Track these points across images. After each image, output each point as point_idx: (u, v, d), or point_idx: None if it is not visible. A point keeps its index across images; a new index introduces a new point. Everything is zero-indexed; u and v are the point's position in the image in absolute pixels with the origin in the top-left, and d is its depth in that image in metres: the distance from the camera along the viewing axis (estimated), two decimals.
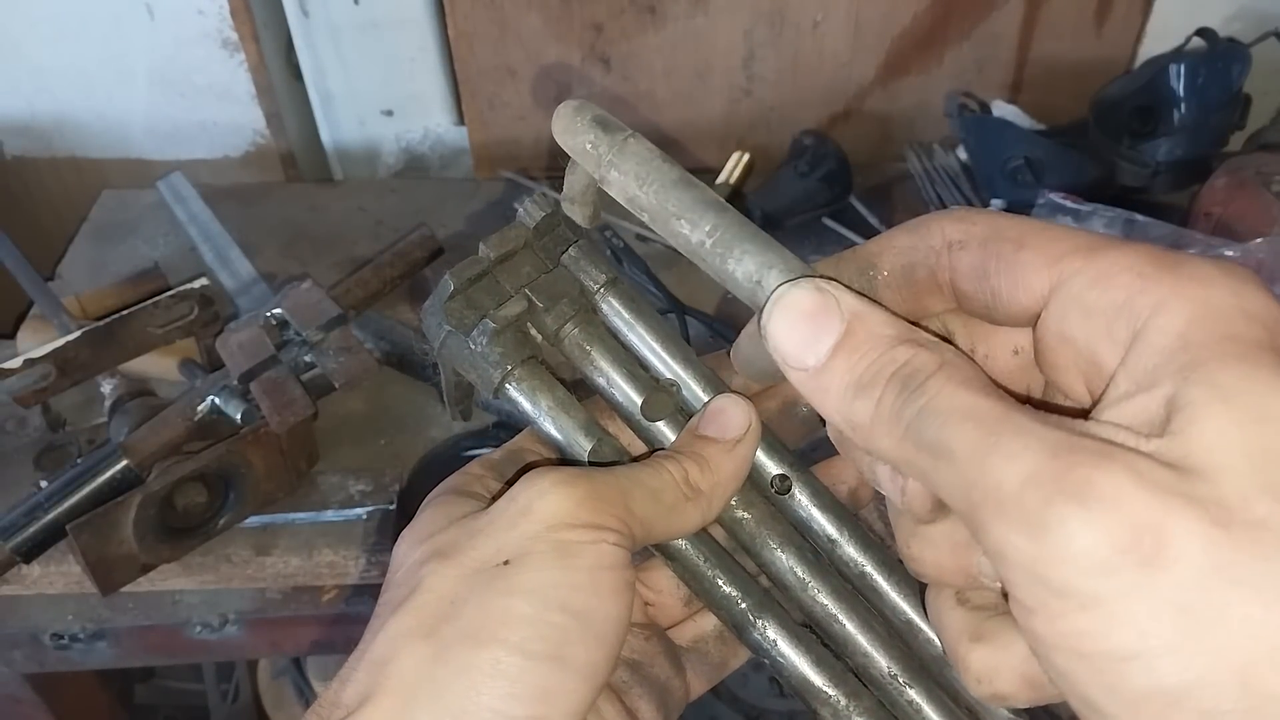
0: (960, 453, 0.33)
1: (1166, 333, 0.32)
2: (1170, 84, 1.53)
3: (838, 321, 0.37)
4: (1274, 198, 1.39)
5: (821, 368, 0.37)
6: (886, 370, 0.36)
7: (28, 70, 1.70)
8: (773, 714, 1.70)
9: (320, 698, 0.41)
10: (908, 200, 1.69)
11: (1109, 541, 0.29)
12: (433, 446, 1.31)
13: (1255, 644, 0.28)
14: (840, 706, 0.47)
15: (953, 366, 0.35)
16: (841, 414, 0.37)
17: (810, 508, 0.48)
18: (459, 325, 0.46)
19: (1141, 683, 0.30)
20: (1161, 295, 0.33)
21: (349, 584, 1.17)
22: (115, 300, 1.39)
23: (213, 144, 1.79)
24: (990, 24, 1.73)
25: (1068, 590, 0.30)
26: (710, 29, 1.69)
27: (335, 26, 1.69)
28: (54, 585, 1.15)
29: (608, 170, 0.43)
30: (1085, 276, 0.35)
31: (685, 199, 0.42)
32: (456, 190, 1.77)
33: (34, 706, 1.28)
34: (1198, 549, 0.29)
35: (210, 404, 1.15)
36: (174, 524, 1.12)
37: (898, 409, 0.35)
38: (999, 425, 0.33)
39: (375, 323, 1.39)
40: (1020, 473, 0.31)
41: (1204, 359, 0.31)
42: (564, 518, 0.41)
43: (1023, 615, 0.32)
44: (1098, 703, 0.31)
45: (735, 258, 0.41)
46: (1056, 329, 0.36)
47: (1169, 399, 0.31)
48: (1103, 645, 0.30)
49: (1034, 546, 0.31)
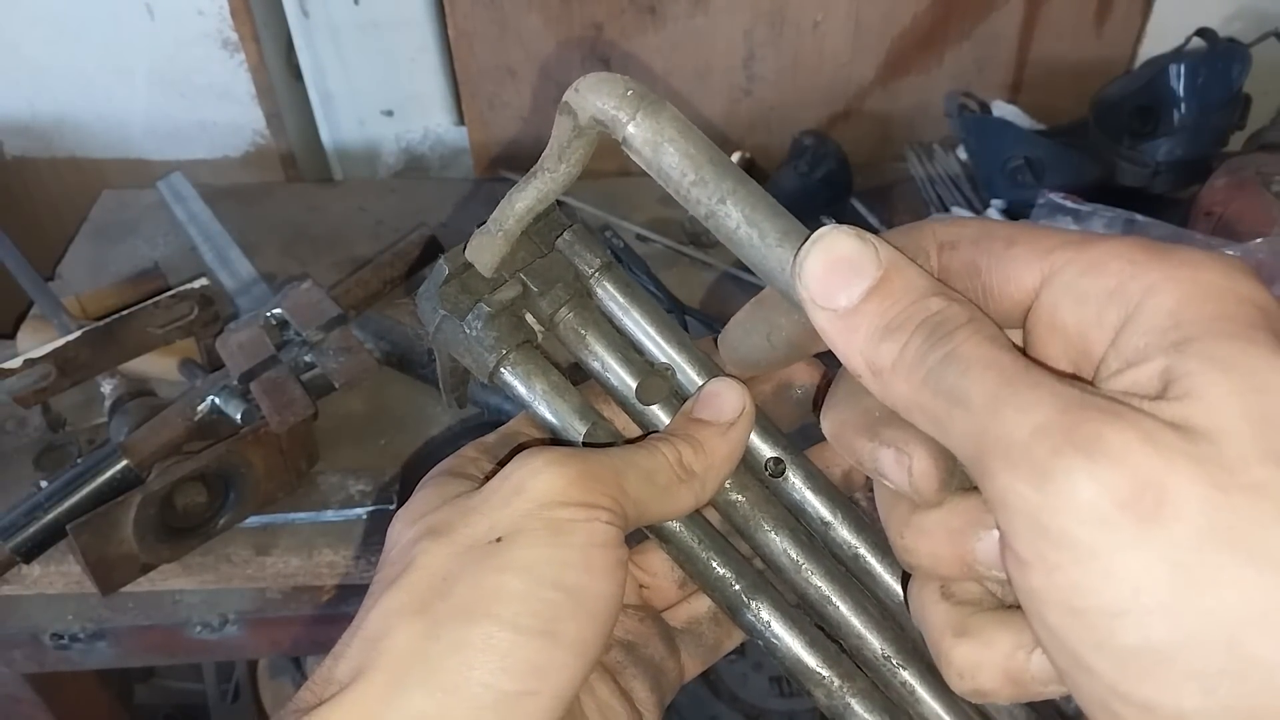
0: (977, 400, 0.33)
1: (1158, 312, 0.33)
2: (1170, 84, 1.52)
3: (875, 266, 0.38)
4: (1274, 198, 1.39)
5: (853, 309, 0.37)
6: (917, 316, 0.36)
7: (28, 70, 1.70)
8: (773, 714, 1.70)
9: (313, 674, 0.41)
10: (908, 200, 1.69)
11: (1111, 495, 0.30)
12: (420, 446, 1.31)
13: (1246, 607, 0.29)
14: (834, 688, 0.47)
15: (981, 322, 0.36)
16: (865, 355, 0.37)
17: (804, 490, 0.48)
18: (454, 309, 0.46)
19: (1131, 640, 0.30)
20: (1153, 279, 0.33)
21: (349, 584, 1.17)
22: (115, 300, 1.39)
23: (213, 144, 1.79)
24: (990, 24, 1.73)
25: (1066, 541, 0.31)
26: (710, 29, 1.69)
27: (335, 26, 1.69)
28: (54, 585, 1.15)
29: (641, 119, 0.41)
30: (1076, 266, 0.36)
31: (716, 161, 0.41)
32: (456, 190, 1.77)
33: (34, 706, 1.28)
34: (1197, 509, 0.29)
35: (210, 404, 1.15)
36: (174, 524, 1.12)
37: (923, 354, 0.35)
38: (1017, 378, 0.33)
39: (375, 323, 1.39)
40: (1032, 423, 0.32)
41: (1197, 334, 0.32)
42: (556, 496, 0.41)
43: (1019, 571, 0.33)
44: (1087, 660, 0.32)
45: (764, 215, 0.41)
46: (1048, 319, 0.37)
47: (1163, 370, 0.32)
48: (1095, 600, 0.31)
49: (1037, 495, 0.31)
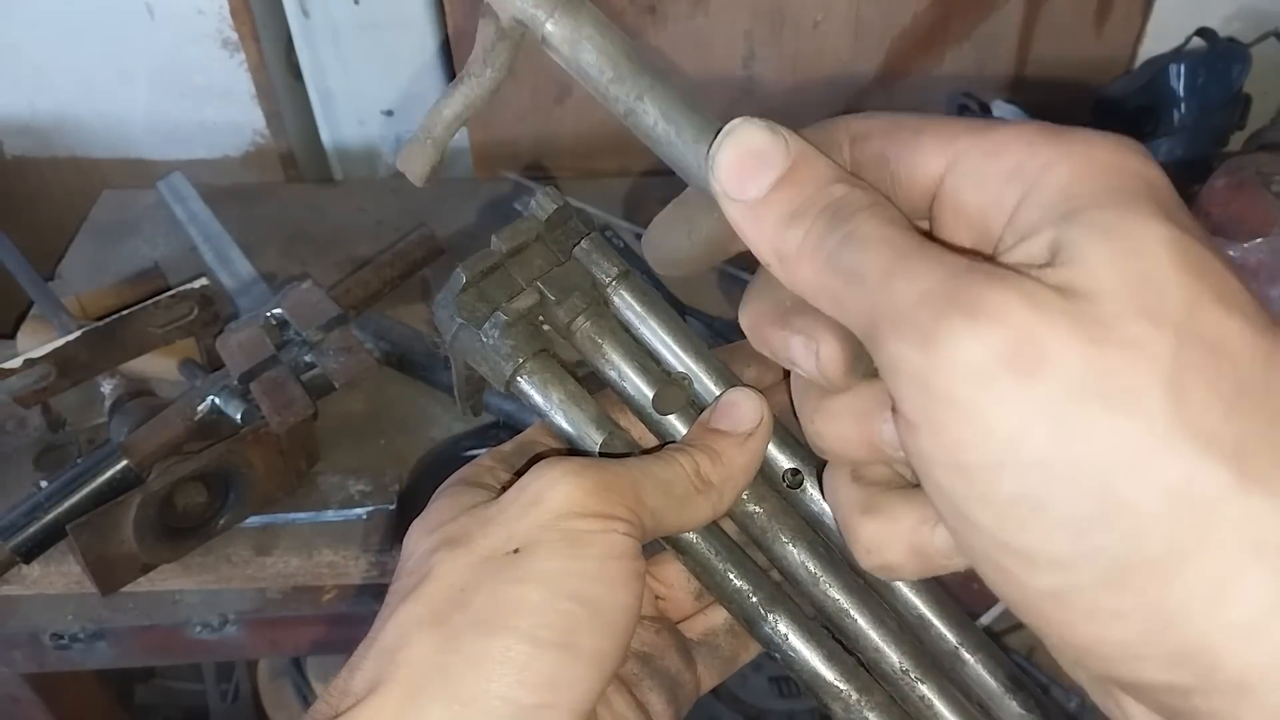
0: (870, 275, 0.34)
1: (1050, 189, 0.34)
2: (1170, 84, 1.53)
3: (783, 158, 0.38)
4: (1274, 198, 1.39)
5: (762, 199, 0.38)
6: (821, 202, 0.37)
7: (28, 70, 1.69)
8: (773, 714, 1.70)
9: (330, 686, 0.41)
10: None
11: (991, 352, 0.31)
12: (432, 447, 1.30)
13: (1115, 454, 0.30)
14: (852, 701, 0.46)
15: (881, 206, 0.37)
16: (771, 244, 0.38)
17: (822, 502, 0.48)
18: (471, 318, 0.46)
19: (1010, 490, 0.32)
20: (1048, 157, 0.34)
21: (349, 584, 1.17)
22: (115, 300, 1.38)
23: (213, 144, 1.78)
24: (990, 24, 1.73)
25: (950, 399, 0.32)
26: (710, 29, 1.69)
27: (335, 26, 1.69)
28: (54, 585, 1.15)
29: (559, 17, 0.41)
30: (979, 150, 0.36)
31: (633, 58, 0.42)
32: (456, 190, 1.76)
33: (34, 706, 1.28)
34: (1073, 363, 0.30)
35: (210, 404, 1.15)
36: (174, 524, 1.12)
37: (823, 236, 0.36)
38: (910, 252, 0.34)
39: (375, 323, 1.39)
40: (918, 290, 0.33)
41: (1085, 206, 0.33)
42: (574, 507, 0.41)
43: (909, 435, 0.34)
44: (972, 515, 0.33)
45: (682, 111, 0.41)
46: (951, 204, 0.37)
47: (1052, 241, 0.33)
48: (977, 455, 0.32)
49: (922, 357, 0.32)
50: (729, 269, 1.53)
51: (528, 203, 0.49)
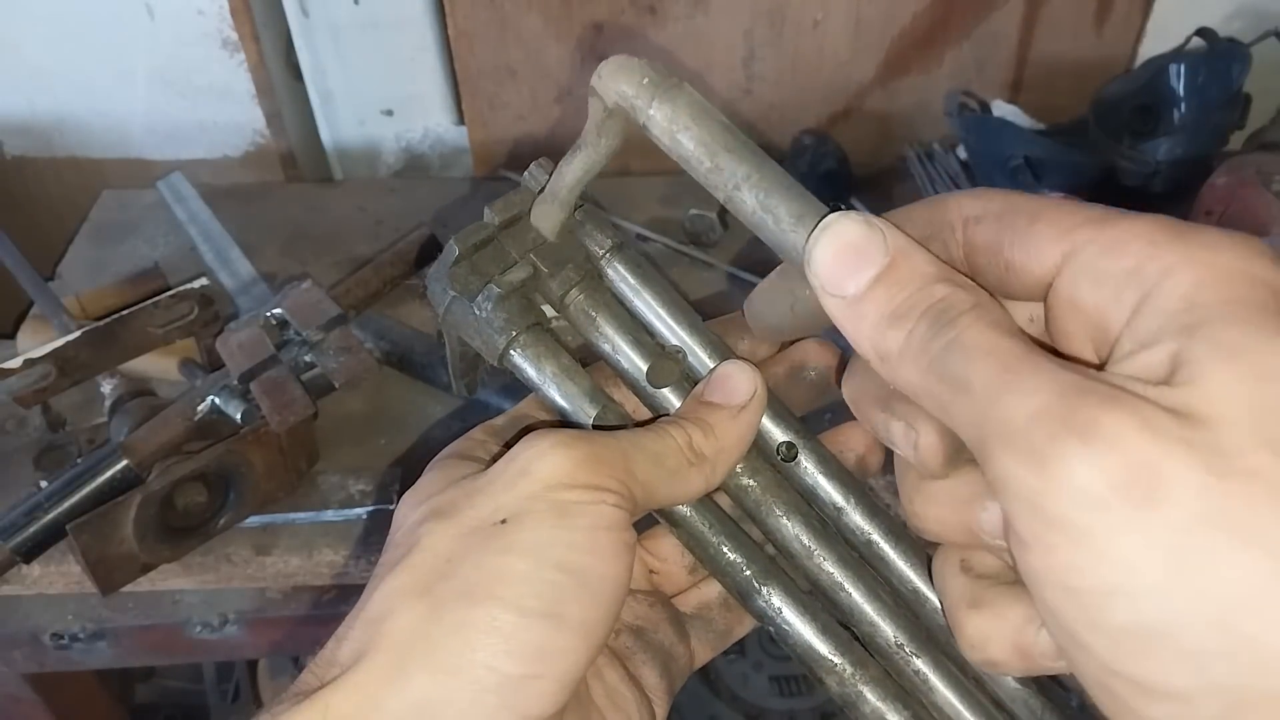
0: (978, 386, 0.34)
1: (1172, 295, 0.33)
2: (1170, 84, 1.52)
3: (882, 254, 0.38)
4: (1274, 198, 1.39)
5: (860, 296, 0.38)
6: (922, 304, 0.36)
7: (28, 70, 1.69)
8: (773, 714, 1.69)
9: (316, 656, 0.41)
10: (908, 200, 1.64)
11: (1106, 478, 0.30)
12: (427, 439, 1.31)
13: (1237, 589, 0.29)
14: (846, 675, 0.46)
15: (984, 308, 0.36)
16: (873, 342, 0.37)
17: (817, 475, 0.48)
18: (464, 291, 0.46)
19: (1124, 618, 0.31)
20: (1170, 261, 0.33)
21: (349, 584, 1.17)
22: (115, 300, 1.38)
23: (213, 144, 1.78)
24: (990, 24, 1.73)
25: (1062, 523, 0.31)
26: (710, 29, 1.69)
27: (335, 26, 1.69)
28: (54, 585, 1.15)
29: (657, 107, 0.42)
30: (1097, 245, 0.35)
31: (730, 147, 0.42)
32: (456, 190, 1.77)
33: (34, 706, 1.28)
34: (1191, 494, 0.29)
35: (210, 404, 1.15)
36: (174, 524, 1.11)
37: (926, 341, 0.36)
38: (1018, 364, 0.33)
39: (375, 323, 1.39)
40: (1030, 408, 0.32)
41: (1209, 319, 0.32)
42: (562, 478, 0.41)
43: (1020, 550, 0.33)
44: (1082, 638, 0.32)
45: (780, 198, 0.41)
46: (1067, 296, 0.36)
47: (1173, 355, 0.32)
48: (1090, 580, 0.31)
49: (1035, 479, 0.31)
50: (730, 269, 1.53)
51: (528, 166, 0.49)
